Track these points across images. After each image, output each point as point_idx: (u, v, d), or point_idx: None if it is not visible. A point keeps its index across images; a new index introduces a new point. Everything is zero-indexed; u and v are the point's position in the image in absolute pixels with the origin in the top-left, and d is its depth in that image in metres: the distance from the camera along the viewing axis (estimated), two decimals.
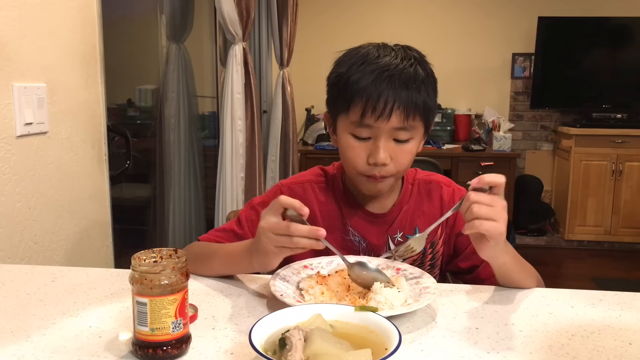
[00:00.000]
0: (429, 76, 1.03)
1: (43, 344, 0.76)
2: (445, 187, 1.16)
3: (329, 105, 1.09)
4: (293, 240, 0.85)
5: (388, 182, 1.05)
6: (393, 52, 1.02)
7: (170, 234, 2.84)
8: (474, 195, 0.84)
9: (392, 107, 0.97)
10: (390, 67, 0.99)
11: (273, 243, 0.87)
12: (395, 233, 1.12)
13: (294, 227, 0.84)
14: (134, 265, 0.71)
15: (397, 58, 1.01)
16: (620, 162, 4.14)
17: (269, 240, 0.87)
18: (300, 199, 1.12)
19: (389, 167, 1.01)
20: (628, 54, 4.39)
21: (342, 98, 1.02)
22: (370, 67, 0.99)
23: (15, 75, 1.28)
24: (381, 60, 1.00)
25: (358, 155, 1.02)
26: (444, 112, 4.54)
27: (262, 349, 0.65)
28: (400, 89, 0.98)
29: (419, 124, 1.02)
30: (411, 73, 0.99)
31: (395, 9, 4.64)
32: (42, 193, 1.38)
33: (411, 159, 1.04)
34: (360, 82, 0.98)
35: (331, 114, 1.09)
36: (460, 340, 0.78)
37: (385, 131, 0.99)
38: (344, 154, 1.05)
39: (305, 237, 0.84)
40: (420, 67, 1.01)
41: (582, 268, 3.95)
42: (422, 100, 1.00)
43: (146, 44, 2.93)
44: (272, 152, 3.43)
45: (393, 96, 0.97)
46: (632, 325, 0.84)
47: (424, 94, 1.00)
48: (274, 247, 0.87)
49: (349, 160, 1.04)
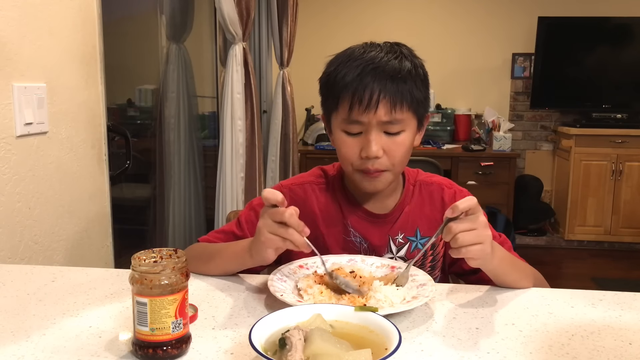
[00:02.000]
0: (416, 68, 1.03)
1: (43, 344, 0.76)
2: (446, 189, 1.16)
3: (322, 106, 1.11)
4: (288, 231, 0.88)
5: (385, 177, 1.05)
6: (379, 47, 1.04)
7: (170, 234, 2.84)
8: (455, 226, 0.85)
9: (377, 99, 0.98)
10: (375, 61, 1.00)
11: (269, 229, 0.89)
12: (397, 234, 1.12)
13: (289, 215, 0.87)
14: (134, 265, 0.72)
15: (382, 52, 1.02)
16: (620, 162, 4.14)
17: (266, 226, 0.90)
18: (300, 199, 1.13)
19: (382, 160, 1.02)
20: (628, 54, 4.38)
21: (331, 96, 1.04)
22: (355, 62, 1.01)
23: (15, 75, 1.28)
24: (366, 55, 1.02)
25: (351, 151, 1.04)
26: (444, 112, 4.54)
27: (262, 349, 0.65)
28: (385, 80, 0.99)
29: (409, 115, 1.02)
30: (396, 65, 1.01)
31: (395, 9, 4.64)
32: (42, 193, 1.38)
33: (405, 152, 1.04)
34: (345, 77, 1.01)
35: (325, 114, 1.11)
36: (460, 340, 0.78)
37: (374, 124, 1.00)
38: (339, 152, 1.07)
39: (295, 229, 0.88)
40: (406, 60, 1.02)
41: (582, 268, 3.95)
42: (408, 91, 1.00)
43: (146, 44, 2.93)
44: (272, 152, 3.43)
45: (378, 87, 0.98)
46: (632, 325, 0.84)
47: (410, 84, 1.01)
48: (268, 234, 0.89)
49: (343, 156, 1.06)
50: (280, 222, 0.88)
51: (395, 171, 1.07)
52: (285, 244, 0.89)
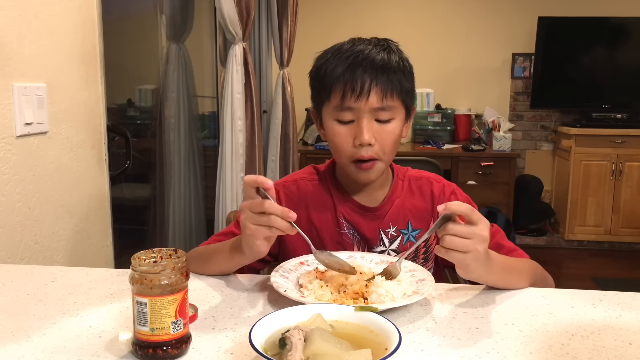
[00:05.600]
0: (403, 61, 1.08)
1: (43, 344, 0.76)
2: (435, 182, 1.19)
3: (313, 99, 1.13)
4: (270, 219, 0.88)
5: (377, 167, 1.08)
6: (366, 41, 1.09)
7: (170, 234, 2.84)
8: (450, 227, 0.84)
9: (369, 86, 1.02)
10: (364, 52, 1.05)
11: (251, 221, 0.90)
12: (388, 227, 1.14)
13: (268, 204, 0.88)
14: (134, 265, 0.72)
15: (370, 45, 1.07)
16: (620, 162, 4.14)
17: (248, 218, 0.90)
18: (294, 196, 1.15)
19: (374, 147, 1.05)
20: (628, 54, 4.38)
21: (323, 87, 1.07)
22: (345, 54, 1.05)
23: (15, 75, 1.28)
24: (355, 48, 1.06)
25: (345, 141, 1.06)
26: (444, 112, 4.54)
27: (262, 349, 0.65)
28: (376, 69, 1.03)
29: (398, 104, 1.06)
30: (385, 57, 1.05)
31: (395, 9, 4.64)
32: (42, 193, 1.38)
33: (395, 140, 1.08)
34: (337, 68, 1.04)
35: (316, 107, 1.13)
36: (460, 340, 0.78)
37: (366, 111, 1.04)
38: (332, 142, 1.09)
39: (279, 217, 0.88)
40: (394, 53, 1.07)
41: (582, 268, 3.95)
42: (398, 81, 1.05)
43: (146, 44, 2.93)
44: (272, 152, 3.43)
45: (369, 76, 1.03)
46: (632, 325, 0.84)
47: (400, 75, 1.06)
48: (252, 225, 0.90)
49: (337, 147, 1.08)
50: (261, 212, 0.88)
51: (386, 160, 1.09)
52: (271, 231, 0.90)
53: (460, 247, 0.84)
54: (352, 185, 1.15)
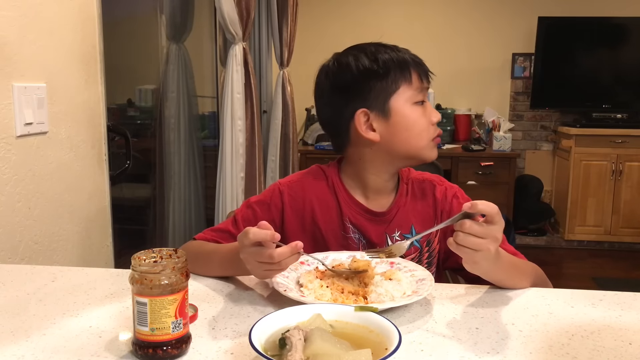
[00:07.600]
0: None
1: (43, 344, 0.76)
2: (438, 185, 1.18)
3: (366, 99, 1.07)
4: (281, 265, 0.88)
5: None
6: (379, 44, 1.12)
7: (170, 234, 2.84)
8: (467, 224, 0.83)
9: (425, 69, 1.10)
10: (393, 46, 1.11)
11: (260, 269, 0.90)
12: (394, 232, 1.13)
13: (277, 255, 0.87)
14: (134, 265, 0.72)
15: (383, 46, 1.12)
16: (620, 162, 4.14)
17: (256, 268, 0.91)
18: (299, 197, 1.14)
19: None
20: (628, 54, 4.38)
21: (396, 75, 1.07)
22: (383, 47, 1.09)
23: (15, 75, 1.28)
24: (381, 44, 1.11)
25: (426, 121, 1.09)
26: (444, 112, 4.54)
27: (262, 349, 0.65)
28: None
29: None
30: None
31: (396, 9, 4.64)
32: (42, 193, 1.38)
33: None
34: (400, 55, 1.08)
35: (377, 102, 1.07)
36: (460, 340, 0.78)
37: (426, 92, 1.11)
38: (414, 127, 1.08)
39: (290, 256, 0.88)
40: None
41: (582, 268, 3.95)
42: None
43: (146, 44, 2.93)
44: (272, 152, 3.43)
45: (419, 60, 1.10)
46: (632, 325, 0.84)
47: None
48: (262, 272, 0.91)
49: (420, 129, 1.09)
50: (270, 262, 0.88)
51: None
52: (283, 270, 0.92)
53: (473, 245, 0.83)
54: (360, 188, 1.14)
